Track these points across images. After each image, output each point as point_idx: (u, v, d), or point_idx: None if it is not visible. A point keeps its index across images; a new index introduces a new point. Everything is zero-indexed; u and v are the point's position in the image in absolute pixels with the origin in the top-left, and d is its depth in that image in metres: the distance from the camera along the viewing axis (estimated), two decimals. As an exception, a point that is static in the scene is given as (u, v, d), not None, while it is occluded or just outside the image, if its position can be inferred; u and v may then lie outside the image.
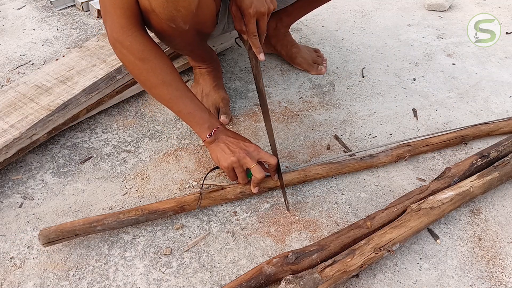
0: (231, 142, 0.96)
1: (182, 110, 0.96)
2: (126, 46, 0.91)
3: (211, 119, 0.98)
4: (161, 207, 0.94)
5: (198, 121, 0.97)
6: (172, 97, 0.95)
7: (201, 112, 0.97)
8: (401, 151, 1.09)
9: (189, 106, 0.96)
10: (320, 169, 1.04)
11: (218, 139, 0.97)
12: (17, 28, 1.66)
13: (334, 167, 1.05)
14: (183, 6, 0.86)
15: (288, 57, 1.43)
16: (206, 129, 0.96)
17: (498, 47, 1.55)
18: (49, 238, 0.87)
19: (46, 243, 0.88)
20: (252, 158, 0.94)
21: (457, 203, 0.93)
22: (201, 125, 0.96)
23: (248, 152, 0.95)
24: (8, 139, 1.03)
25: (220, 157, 0.95)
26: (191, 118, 0.97)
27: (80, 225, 0.89)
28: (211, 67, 1.25)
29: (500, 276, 0.87)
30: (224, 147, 0.96)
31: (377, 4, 1.85)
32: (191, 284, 0.86)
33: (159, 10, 0.86)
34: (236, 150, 0.94)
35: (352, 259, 0.81)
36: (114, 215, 0.91)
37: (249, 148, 0.95)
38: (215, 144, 0.97)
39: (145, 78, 0.94)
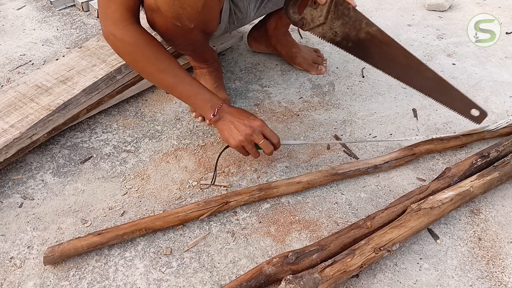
0: (236, 121, 0.97)
1: (183, 94, 0.99)
2: (119, 38, 0.93)
3: (212, 98, 0.99)
4: (165, 226, 0.94)
5: (200, 103, 0.99)
6: (171, 84, 0.98)
7: (201, 94, 0.99)
8: (404, 162, 1.09)
9: (188, 90, 0.98)
10: (324, 179, 1.04)
11: (222, 117, 0.99)
12: (17, 28, 1.66)
13: (338, 178, 1.05)
14: (189, 4, 0.86)
15: (288, 57, 1.43)
16: (209, 109, 0.99)
17: (498, 47, 1.55)
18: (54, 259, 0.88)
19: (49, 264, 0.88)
20: (258, 134, 0.97)
21: (457, 203, 0.93)
22: (204, 106, 0.99)
23: (254, 128, 0.96)
24: (8, 139, 1.03)
25: (228, 136, 0.98)
26: (192, 101, 1.00)
27: (84, 249, 0.89)
28: (212, 67, 1.26)
29: (500, 276, 0.87)
30: (230, 126, 0.97)
31: (377, 4, 1.85)
32: (191, 284, 0.86)
33: (165, 8, 0.86)
34: (242, 128, 0.96)
35: (352, 259, 0.81)
36: (117, 237, 0.90)
37: (254, 124, 0.97)
38: (221, 123, 0.99)
39: (142, 68, 0.97)
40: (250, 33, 1.48)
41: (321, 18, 0.93)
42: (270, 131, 0.99)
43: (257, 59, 1.49)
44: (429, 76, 0.90)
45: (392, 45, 0.93)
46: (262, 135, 0.98)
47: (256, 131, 0.97)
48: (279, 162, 1.12)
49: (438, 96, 0.91)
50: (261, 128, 0.97)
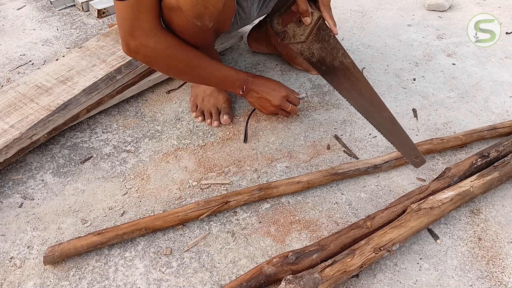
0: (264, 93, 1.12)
1: (213, 81, 1.09)
2: (153, 47, 0.94)
3: (238, 76, 1.09)
4: (164, 225, 0.94)
5: (229, 85, 1.10)
6: (202, 77, 1.06)
7: (228, 76, 1.08)
8: (404, 162, 1.09)
9: (218, 76, 1.06)
10: (324, 179, 1.04)
11: (250, 92, 1.12)
12: (17, 28, 1.66)
13: (337, 178, 1.05)
14: (212, 3, 0.87)
15: (288, 57, 1.43)
16: (237, 87, 1.10)
17: (498, 47, 1.55)
18: (53, 261, 0.88)
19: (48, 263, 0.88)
20: (285, 103, 1.13)
21: (457, 203, 0.93)
22: (232, 86, 1.10)
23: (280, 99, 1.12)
24: (8, 139, 1.03)
25: (260, 108, 1.16)
26: (223, 85, 1.11)
27: (84, 248, 0.89)
28: None
29: (500, 276, 0.87)
30: (260, 100, 1.13)
31: (377, 4, 1.85)
32: (191, 284, 0.86)
33: (188, 7, 0.86)
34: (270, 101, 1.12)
35: (352, 259, 0.81)
36: (117, 237, 0.90)
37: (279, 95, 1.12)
38: (250, 97, 1.14)
39: (178, 70, 1.04)
40: (250, 34, 1.48)
41: (302, 36, 0.97)
42: (294, 97, 1.15)
43: (257, 59, 1.49)
44: (386, 116, 0.95)
45: (361, 80, 0.97)
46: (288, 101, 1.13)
47: (283, 102, 1.12)
48: (279, 162, 1.12)
49: (389, 136, 0.96)
50: (286, 97, 1.13)
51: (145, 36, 0.92)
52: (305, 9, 0.93)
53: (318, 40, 0.97)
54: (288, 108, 1.14)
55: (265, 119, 1.24)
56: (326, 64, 0.99)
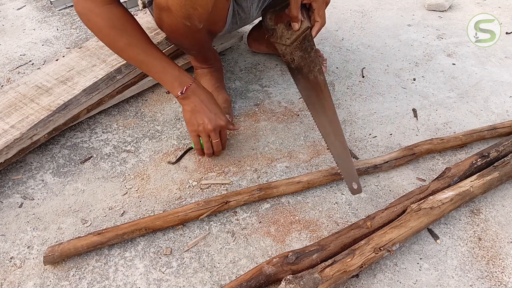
0: (204, 109, 1.00)
1: (152, 70, 0.98)
2: (96, 13, 0.92)
3: (181, 76, 0.99)
4: (164, 225, 0.94)
5: (168, 79, 0.98)
6: (140, 59, 0.97)
7: (171, 70, 0.98)
8: (404, 162, 1.09)
9: (157, 65, 0.97)
10: (324, 179, 1.04)
11: (189, 98, 1.00)
12: (17, 28, 1.66)
13: (337, 178, 1.05)
14: (200, 4, 0.86)
15: None
16: (177, 87, 0.99)
17: (498, 47, 1.55)
18: (53, 261, 0.88)
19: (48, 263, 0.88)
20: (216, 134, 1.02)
21: (457, 203, 0.93)
22: (172, 82, 0.99)
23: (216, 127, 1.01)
24: (8, 139, 1.03)
25: (189, 120, 1.02)
26: (161, 76, 0.99)
27: (84, 248, 0.89)
28: (213, 67, 1.26)
29: (500, 276, 0.87)
30: (195, 111, 1.00)
31: (377, 4, 1.85)
32: (191, 284, 0.86)
33: (176, 7, 0.86)
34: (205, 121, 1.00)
35: (352, 259, 0.81)
36: (117, 237, 0.90)
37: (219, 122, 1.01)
38: (186, 103, 1.01)
39: (112, 42, 0.96)
40: (250, 34, 1.48)
41: (288, 40, 0.97)
42: (225, 134, 1.06)
43: (257, 59, 1.49)
44: (341, 140, 0.97)
45: (328, 100, 0.99)
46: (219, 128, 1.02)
47: (216, 129, 1.01)
48: (279, 162, 1.12)
49: (337, 159, 0.97)
50: (221, 128, 1.02)
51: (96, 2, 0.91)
52: (295, 15, 0.94)
53: (301, 49, 0.97)
54: (215, 140, 1.04)
55: (265, 119, 1.24)
56: (302, 74, 1.00)
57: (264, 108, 1.29)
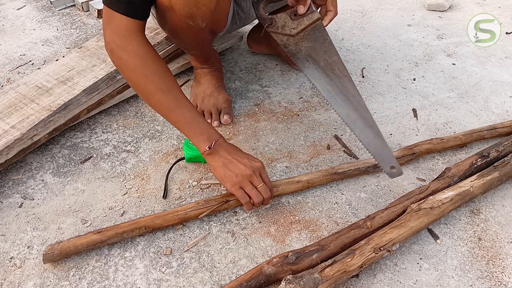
0: (235, 159, 0.90)
1: (180, 119, 0.92)
2: (129, 51, 0.88)
3: (209, 129, 0.93)
4: (164, 224, 0.93)
5: (196, 131, 0.92)
6: (170, 106, 0.91)
7: (200, 123, 0.92)
8: (404, 161, 1.09)
9: (187, 115, 0.92)
10: (324, 179, 1.03)
11: (218, 152, 0.92)
12: (17, 28, 1.66)
13: (337, 178, 1.04)
14: (203, 3, 0.86)
15: (288, 59, 1.43)
16: (205, 141, 0.92)
17: (498, 47, 1.55)
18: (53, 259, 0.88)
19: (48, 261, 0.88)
20: (258, 177, 0.90)
21: (457, 203, 0.93)
22: (199, 136, 0.92)
23: (254, 169, 0.90)
24: (9, 140, 1.03)
25: (224, 176, 0.91)
26: (189, 128, 0.92)
27: (83, 247, 0.88)
28: (214, 67, 1.26)
29: (500, 276, 0.87)
30: (227, 164, 0.90)
31: (377, 4, 1.85)
32: (191, 284, 0.86)
33: (179, 6, 0.86)
34: (241, 168, 0.89)
35: (352, 259, 0.81)
36: (117, 235, 0.90)
37: (254, 164, 0.91)
38: (215, 159, 0.92)
39: (144, 85, 0.90)
40: (250, 35, 1.48)
41: (293, 30, 0.92)
42: (267, 175, 0.93)
43: (257, 59, 1.49)
44: (370, 124, 0.92)
45: (348, 84, 0.94)
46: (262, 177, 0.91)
47: (256, 173, 0.90)
48: (279, 162, 1.12)
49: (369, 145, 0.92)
50: (260, 170, 0.91)
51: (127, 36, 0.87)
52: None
53: (310, 40, 0.93)
54: (259, 186, 0.90)
55: (265, 119, 1.24)
56: (313, 62, 0.95)
57: (264, 108, 1.29)
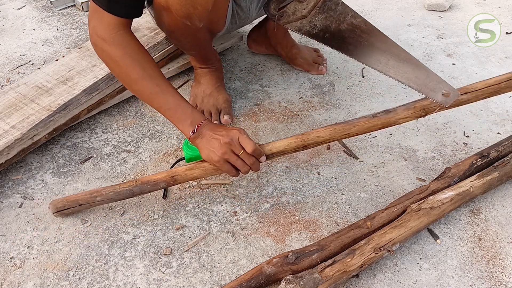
0: (215, 134, 0.89)
1: (163, 105, 0.92)
2: (109, 42, 0.89)
3: (194, 114, 0.92)
4: (153, 178, 0.93)
5: (180, 117, 0.91)
6: (152, 91, 0.91)
7: (183, 107, 0.92)
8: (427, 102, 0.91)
9: (169, 101, 0.91)
10: (322, 131, 0.92)
11: (202, 134, 0.90)
12: (17, 28, 1.66)
13: (339, 128, 0.90)
14: (200, 3, 0.86)
15: (288, 58, 1.43)
16: (189, 125, 0.91)
17: (498, 47, 1.55)
18: (57, 207, 0.95)
19: (55, 212, 0.95)
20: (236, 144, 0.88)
21: (457, 203, 0.93)
22: (184, 121, 0.91)
23: (230, 137, 0.87)
24: (9, 140, 1.03)
25: (209, 153, 0.89)
26: (172, 114, 0.92)
27: (82, 195, 0.95)
28: (213, 67, 1.26)
29: (500, 276, 0.87)
30: (210, 142, 0.89)
31: (377, 4, 1.85)
32: (191, 284, 0.86)
33: (176, 7, 0.86)
34: (220, 141, 0.87)
35: (352, 259, 0.81)
36: (111, 187, 0.94)
37: (230, 133, 0.88)
38: (200, 141, 0.90)
39: (125, 74, 0.91)
40: (250, 35, 1.48)
41: (304, 10, 0.91)
42: (246, 139, 0.88)
43: (257, 59, 1.49)
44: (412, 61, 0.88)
45: (377, 36, 0.91)
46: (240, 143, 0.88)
47: (234, 141, 0.87)
48: (279, 162, 1.12)
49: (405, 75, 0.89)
50: (238, 136, 0.88)
51: (108, 30, 0.88)
52: None
53: (323, 11, 0.91)
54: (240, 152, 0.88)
55: (265, 119, 1.24)
56: (331, 31, 0.92)
57: (264, 108, 1.29)
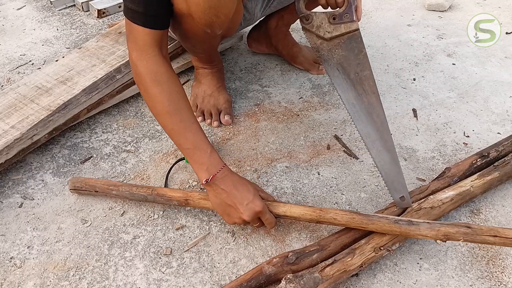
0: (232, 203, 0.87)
1: (182, 144, 0.90)
2: (143, 65, 0.88)
3: (211, 159, 0.88)
4: (168, 193, 0.95)
5: (197, 159, 0.89)
6: (174, 128, 0.89)
7: (201, 150, 0.89)
8: (454, 231, 0.81)
9: (189, 141, 0.89)
10: (340, 215, 0.87)
11: (215, 188, 0.88)
12: (17, 28, 1.66)
13: (357, 219, 0.85)
14: (223, 13, 0.86)
15: (289, 57, 1.43)
16: (204, 171, 0.88)
17: (498, 47, 1.55)
18: (75, 185, 1.00)
19: (72, 188, 1.01)
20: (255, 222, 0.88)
21: (457, 203, 0.93)
22: (200, 165, 0.88)
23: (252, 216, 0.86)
24: (9, 139, 1.03)
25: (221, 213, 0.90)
26: (190, 154, 0.89)
27: (100, 183, 0.99)
28: (216, 68, 1.26)
29: (500, 276, 0.87)
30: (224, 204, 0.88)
31: (377, 4, 1.85)
32: (191, 284, 0.86)
33: (199, 15, 0.86)
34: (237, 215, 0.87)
35: (352, 259, 0.81)
36: (128, 186, 0.98)
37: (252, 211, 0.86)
38: (213, 193, 0.89)
39: (152, 104, 0.90)
40: (250, 34, 1.47)
41: (327, 34, 0.90)
42: (270, 216, 0.88)
43: (257, 59, 1.49)
44: (389, 148, 0.90)
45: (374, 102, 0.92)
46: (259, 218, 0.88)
47: (254, 219, 0.87)
48: (279, 162, 1.12)
49: (383, 169, 0.90)
50: (260, 214, 0.87)
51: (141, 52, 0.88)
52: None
53: (344, 48, 0.91)
54: (256, 224, 0.89)
55: (265, 119, 1.24)
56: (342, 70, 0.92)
57: (264, 108, 1.29)
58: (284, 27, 1.38)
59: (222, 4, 0.84)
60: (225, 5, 0.85)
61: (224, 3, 0.85)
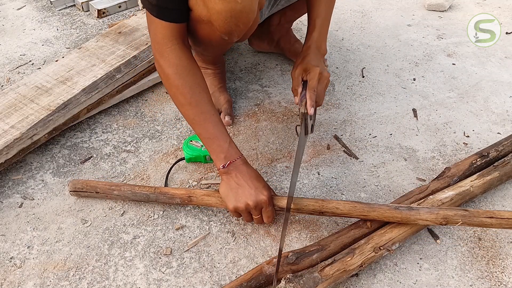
0: (243, 185, 0.90)
1: (202, 133, 0.94)
2: (164, 58, 0.92)
3: (230, 149, 0.93)
4: (171, 191, 0.96)
5: (216, 148, 0.93)
6: (195, 119, 0.94)
7: (221, 140, 0.93)
8: (452, 214, 0.85)
9: (210, 131, 0.93)
10: (342, 205, 0.89)
11: (230, 174, 0.92)
12: (17, 28, 1.66)
13: (359, 207, 0.88)
14: (243, 22, 0.87)
15: (291, 53, 1.43)
16: (222, 159, 0.92)
17: (498, 47, 1.55)
18: (75, 187, 0.99)
19: (72, 190, 1.00)
20: (257, 210, 0.90)
21: (457, 203, 0.93)
22: (218, 153, 0.93)
23: (257, 203, 0.89)
24: (8, 139, 1.03)
25: (226, 196, 0.91)
26: (210, 143, 0.94)
27: (102, 184, 0.99)
28: (218, 69, 1.26)
29: (500, 276, 0.87)
30: (233, 187, 0.91)
31: (377, 4, 1.85)
32: (191, 284, 0.86)
33: (219, 23, 0.86)
34: (246, 197, 0.89)
35: (352, 258, 0.81)
36: (130, 186, 0.98)
37: (260, 198, 0.89)
38: (226, 177, 0.92)
39: (174, 95, 0.94)
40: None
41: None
42: (272, 209, 0.91)
43: (257, 59, 1.49)
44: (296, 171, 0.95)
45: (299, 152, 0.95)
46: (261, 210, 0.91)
47: (258, 207, 0.90)
48: (279, 162, 1.12)
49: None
50: (263, 205, 0.90)
51: (163, 43, 0.91)
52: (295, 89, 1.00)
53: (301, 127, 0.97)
54: (256, 217, 0.92)
55: (265, 119, 1.24)
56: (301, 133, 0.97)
57: (264, 108, 1.29)
58: (287, 24, 1.38)
59: (244, 14, 0.85)
60: (246, 15, 0.86)
61: (246, 13, 0.85)
